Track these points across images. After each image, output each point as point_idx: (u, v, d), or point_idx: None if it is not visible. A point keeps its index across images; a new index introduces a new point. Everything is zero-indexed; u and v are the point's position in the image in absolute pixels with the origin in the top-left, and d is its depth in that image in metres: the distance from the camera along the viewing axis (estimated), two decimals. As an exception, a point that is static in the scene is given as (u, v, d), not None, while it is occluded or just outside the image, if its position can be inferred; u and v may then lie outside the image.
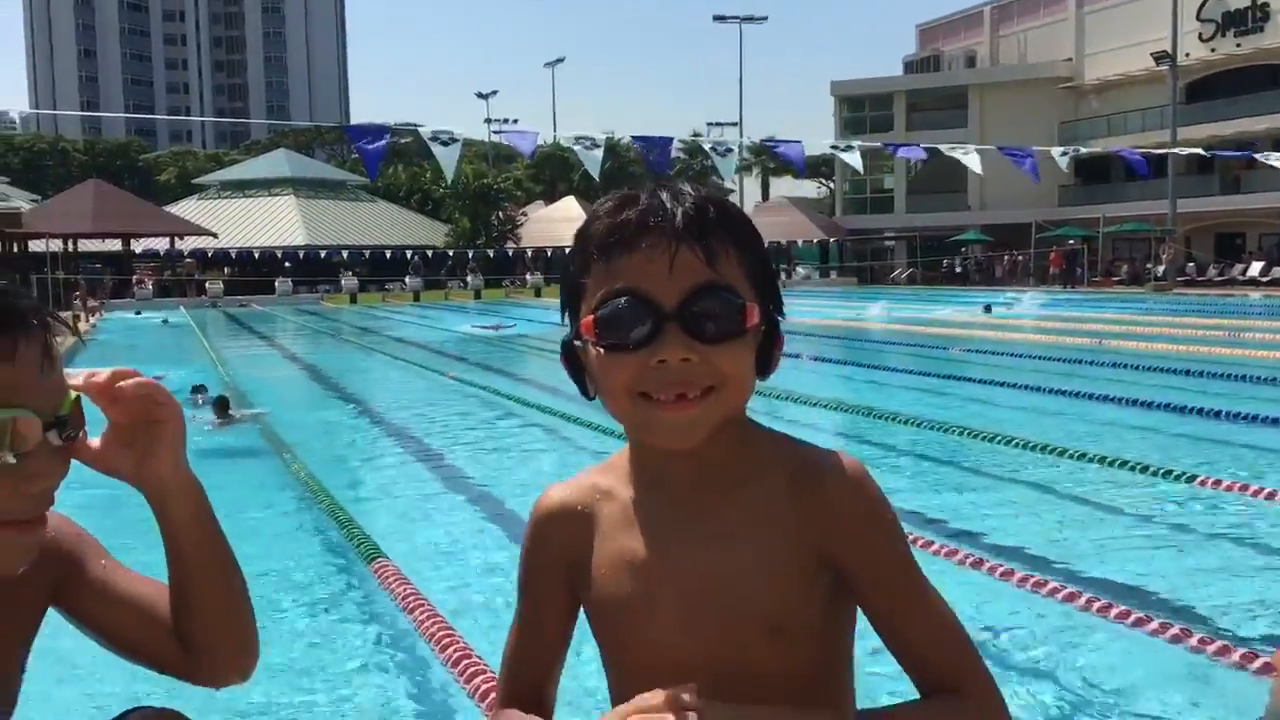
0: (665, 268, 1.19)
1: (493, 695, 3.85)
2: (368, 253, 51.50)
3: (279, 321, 32.75)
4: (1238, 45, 46.66)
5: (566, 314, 1.29)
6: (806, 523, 1.23)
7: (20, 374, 1.24)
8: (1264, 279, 38.68)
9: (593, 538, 1.33)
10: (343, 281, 46.86)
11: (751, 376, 1.26)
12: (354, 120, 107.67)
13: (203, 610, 1.42)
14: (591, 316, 1.22)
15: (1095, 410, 10.71)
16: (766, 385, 1.33)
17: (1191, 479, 7.19)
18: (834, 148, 14.03)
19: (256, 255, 50.73)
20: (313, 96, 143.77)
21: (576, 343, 1.28)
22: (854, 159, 12.66)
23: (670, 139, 11.88)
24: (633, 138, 12.58)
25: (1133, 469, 7.59)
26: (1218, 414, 9.85)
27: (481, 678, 3.99)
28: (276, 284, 46.24)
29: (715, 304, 1.19)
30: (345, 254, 51.48)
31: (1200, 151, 22.22)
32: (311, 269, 49.62)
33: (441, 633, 4.48)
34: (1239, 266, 41.25)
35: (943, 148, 13.29)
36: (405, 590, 5.08)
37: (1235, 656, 4.19)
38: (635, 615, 1.27)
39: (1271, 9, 45.28)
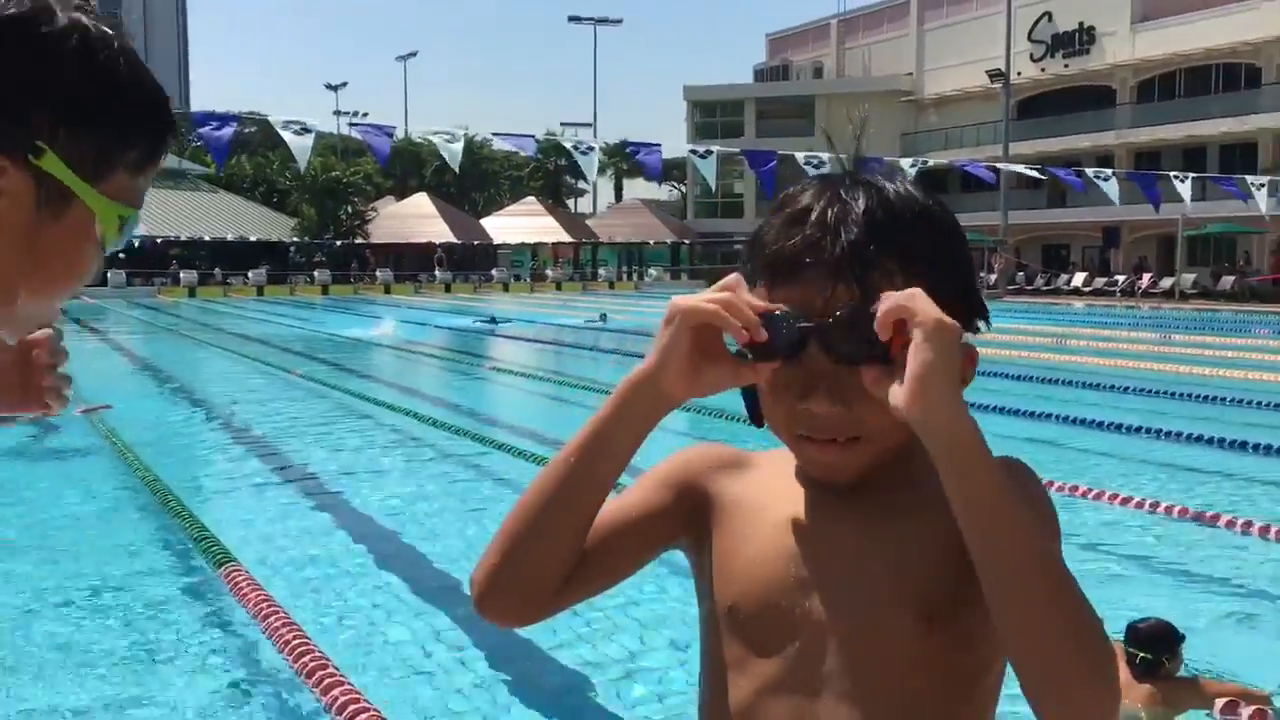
0: (818, 306, 1.11)
1: (351, 708, 3.86)
2: (208, 240, 49.70)
3: (112, 315, 31.36)
4: (1065, 66, 49.20)
5: None
6: None
7: None
8: (1086, 289, 40.92)
9: (747, 494, 1.25)
10: (181, 274, 45.16)
11: (900, 424, 1.10)
12: (195, 109, 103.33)
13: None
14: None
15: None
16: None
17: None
18: (693, 152, 14.22)
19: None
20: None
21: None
22: (709, 165, 12.90)
23: (531, 136, 11.92)
24: (494, 134, 12.58)
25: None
26: (1047, 416, 10.42)
27: (340, 689, 3.96)
28: (109, 275, 44.23)
29: (859, 321, 1.08)
30: (183, 244, 49.56)
31: (1029, 170, 23.37)
32: (147, 261, 47.64)
33: (297, 641, 4.42)
34: (1064, 276, 43.52)
35: (798, 156, 13.66)
36: (258, 597, 4.98)
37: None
38: (777, 588, 1.17)
39: (1097, 33, 47.91)
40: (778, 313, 1.11)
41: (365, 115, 69.29)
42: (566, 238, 57.67)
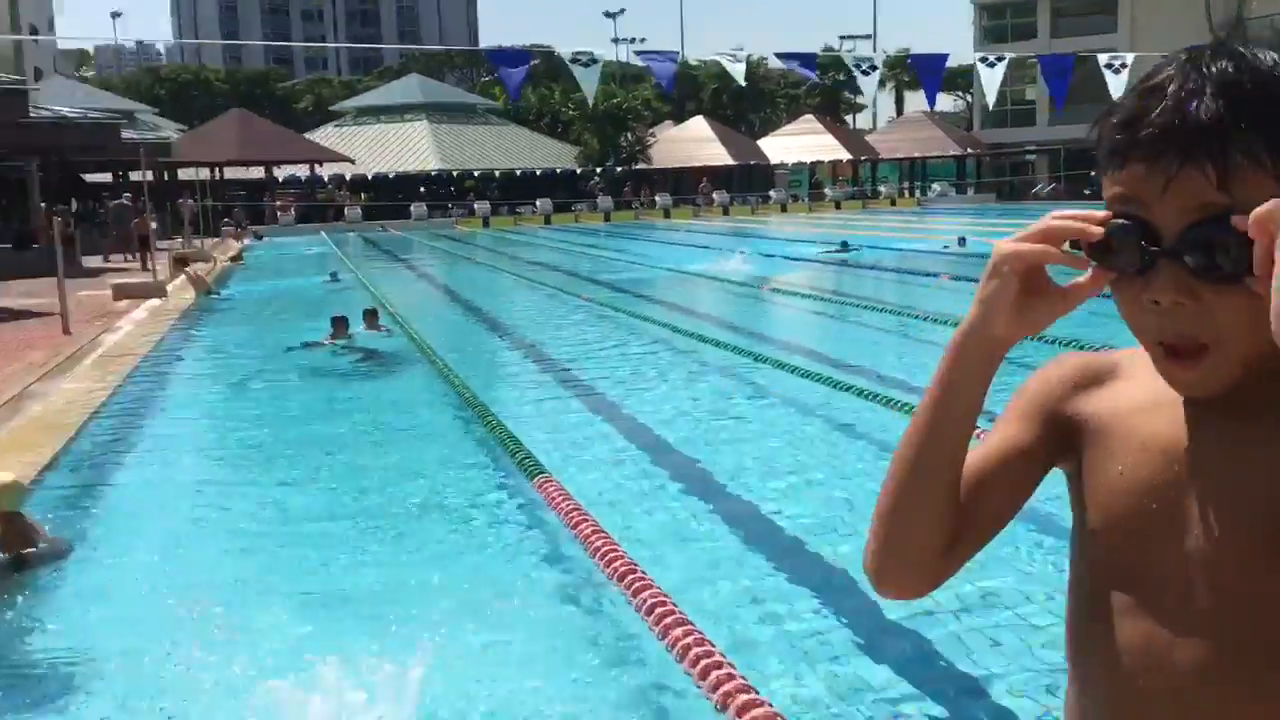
0: (1161, 186, 1.01)
1: (659, 610, 4.02)
2: (499, 175, 52.07)
3: (416, 246, 33.49)
4: None
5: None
6: None
7: None
8: None
9: (1112, 413, 1.19)
10: (476, 205, 47.56)
11: (1260, 326, 0.96)
12: (482, 43, 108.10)
13: None
14: (1088, 242, 1.07)
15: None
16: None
17: None
18: (982, 60, 13.53)
19: (392, 178, 51.81)
20: (442, 20, 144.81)
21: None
22: (994, 78, 12.22)
23: (814, 55, 11.70)
24: (775, 54, 12.42)
25: None
26: None
27: (649, 593, 4.14)
28: (412, 209, 47.14)
29: (1221, 239, 0.99)
30: (476, 177, 52.13)
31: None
32: (444, 193, 50.46)
33: (606, 548, 4.65)
34: None
35: (1101, 58, 12.72)
36: (569, 506, 5.26)
37: None
38: (1138, 520, 1.13)
39: None
40: (1121, 223, 1.04)
41: (643, 40, 70.13)
42: (846, 155, 56.46)
